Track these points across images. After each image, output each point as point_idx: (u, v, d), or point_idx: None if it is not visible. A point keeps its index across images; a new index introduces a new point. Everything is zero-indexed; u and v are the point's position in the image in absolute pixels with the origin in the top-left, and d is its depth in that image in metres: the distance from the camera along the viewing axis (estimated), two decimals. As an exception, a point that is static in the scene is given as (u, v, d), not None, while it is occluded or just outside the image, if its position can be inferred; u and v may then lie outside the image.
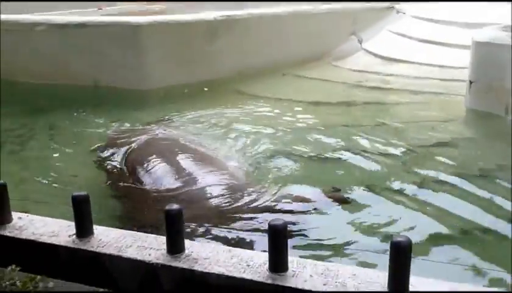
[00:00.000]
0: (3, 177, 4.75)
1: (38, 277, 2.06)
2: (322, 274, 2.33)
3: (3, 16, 8.76)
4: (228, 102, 7.69)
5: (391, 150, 5.55)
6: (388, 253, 2.18)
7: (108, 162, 5.25)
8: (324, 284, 2.26)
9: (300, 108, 7.36)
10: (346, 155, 5.43)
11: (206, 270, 2.38)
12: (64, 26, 8.52)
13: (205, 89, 8.22)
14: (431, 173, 4.87)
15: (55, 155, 5.71)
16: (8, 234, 2.71)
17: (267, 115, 7.10)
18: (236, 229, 3.72)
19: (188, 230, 3.39)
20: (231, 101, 7.83)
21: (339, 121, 6.62)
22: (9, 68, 8.52)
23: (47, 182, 4.94)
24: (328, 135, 6.06)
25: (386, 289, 2.22)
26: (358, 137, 5.97)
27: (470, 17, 10.35)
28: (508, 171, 4.95)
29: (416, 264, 2.57)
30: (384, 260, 2.20)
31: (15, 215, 2.86)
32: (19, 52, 8.63)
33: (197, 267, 2.40)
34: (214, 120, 6.80)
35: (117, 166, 5.08)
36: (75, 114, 7.12)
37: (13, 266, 2.13)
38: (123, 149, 5.38)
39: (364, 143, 5.80)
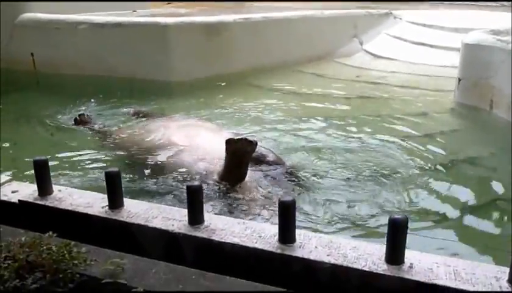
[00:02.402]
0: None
1: (72, 243, 2.00)
2: (326, 246, 2.27)
3: (53, 16, 8.73)
4: (243, 93, 7.66)
5: (386, 138, 5.41)
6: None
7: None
8: (328, 255, 2.20)
9: (306, 99, 7.27)
10: (341, 143, 5.28)
11: (223, 240, 2.33)
12: (103, 25, 8.47)
13: (222, 83, 8.10)
14: (423, 159, 4.75)
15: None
16: (48, 204, 2.67)
17: (277, 104, 7.02)
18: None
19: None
20: (246, 91, 7.80)
21: (337, 113, 6.49)
22: (56, 61, 8.53)
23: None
24: (327, 124, 5.93)
25: (383, 261, 2.15)
26: (355, 127, 5.84)
27: (459, 23, 10.26)
28: (492, 158, 4.85)
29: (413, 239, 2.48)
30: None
31: (55, 187, 2.82)
32: (65, 48, 8.59)
33: (215, 237, 2.35)
34: (232, 107, 6.77)
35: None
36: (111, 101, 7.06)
37: (50, 232, 2.07)
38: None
39: (362, 131, 5.68)
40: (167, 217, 2.53)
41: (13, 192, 2.87)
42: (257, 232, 2.38)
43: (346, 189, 3.98)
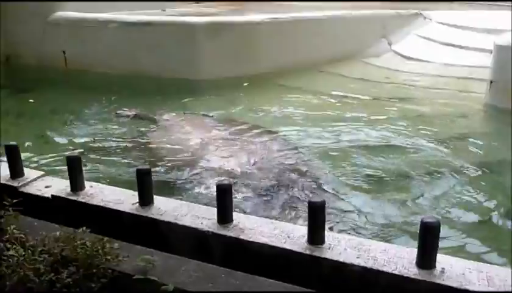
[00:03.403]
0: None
1: (106, 238, 2.03)
2: (355, 248, 2.25)
3: (84, 15, 8.87)
4: (270, 92, 7.68)
5: (418, 141, 5.34)
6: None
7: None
8: (357, 257, 2.18)
9: (334, 100, 7.21)
10: (375, 144, 5.25)
11: (252, 239, 2.33)
12: (133, 24, 8.57)
13: (246, 83, 8.07)
14: (457, 162, 4.66)
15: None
16: (81, 200, 2.71)
17: (306, 104, 6.99)
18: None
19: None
20: (273, 91, 7.81)
21: (368, 113, 6.43)
22: (87, 60, 8.67)
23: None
24: (357, 125, 5.90)
25: (413, 265, 2.12)
26: (386, 129, 5.79)
27: (489, 24, 10.03)
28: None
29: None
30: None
31: (87, 183, 2.86)
32: (95, 46, 8.72)
33: (243, 236, 2.35)
34: (261, 107, 6.78)
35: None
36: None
37: (84, 228, 2.11)
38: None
39: (392, 133, 5.62)
40: (196, 215, 2.54)
41: (46, 187, 2.93)
42: (286, 232, 2.38)
43: (380, 191, 3.95)
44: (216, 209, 2.47)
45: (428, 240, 2.06)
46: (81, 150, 4.96)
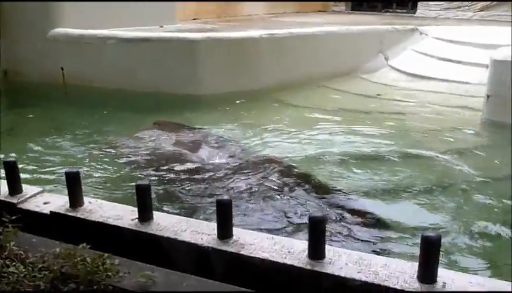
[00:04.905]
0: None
1: (106, 255, 2.02)
2: (356, 262, 2.24)
3: (83, 31, 8.91)
4: (267, 108, 7.73)
5: (416, 154, 5.36)
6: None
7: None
8: (358, 272, 2.17)
9: (331, 116, 7.25)
10: (370, 158, 5.27)
11: (252, 255, 2.32)
12: (131, 40, 8.62)
13: (244, 99, 8.11)
14: (455, 177, 4.68)
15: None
16: (80, 216, 2.70)
17: (299, 119, 7.03)
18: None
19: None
20: (271, 106, 7.85)
21: (366, 129, 6.46)
22: (85, 76, 8.70)
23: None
24: (356, 140, 5.92)
25: (415, 279, 2.11)
26: (383, 143, 5.81)
27: (486, 39, 10.11)
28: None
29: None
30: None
31: (86, 199, 2.85)
32: (94, 63, 8.76)
33: (244, 252, 2.34)
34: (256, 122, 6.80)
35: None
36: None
37: (84, 244, 2.10)
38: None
39: (391, 147, 5.64)
40: (196, 230, 2.53)
41: (44, 203, 2.92)
42: (286, 247, 2.37)
43: (376, 204, 3.96)
44: (215, 224, 2.46)
45: (429, 255, 2.06)
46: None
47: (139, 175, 4.67)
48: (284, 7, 15.91)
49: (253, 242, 2.43)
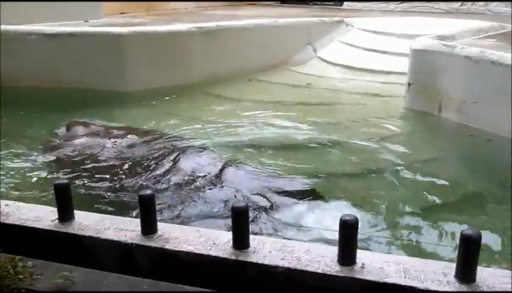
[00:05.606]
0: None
1: (17, 257, 1.94)
2: (280, 250, 2.28)
3: (3, 27, 8.43)
4: (199, 101, 7.68)
5: (341, 143, 5.52)
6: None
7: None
8: (282, 259, 2.21)
9: (263, 107, 7.30)
10: (301, 146, 5.38)
11: (177, 249, 2.30)
12: (54, 35, 8.27)
13: (175, 94, 8.02)
14: (379, 162, 4.86)
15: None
16: (-6, 220, 2.57)
17: (231, 112, 7.06)
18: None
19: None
20: (203, 100, 7.80)
21: (295, 118, 6.58)
22: (9, 73, 8.19)
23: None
24: (288, 129, 6.02)
25: (335, 262, 2.17)
26: (313, 131, 5.95)
27: (408, 29, 10.50)
28: (442, 160, 5.03)
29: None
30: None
31: (2, 202, 2.73)
32: (25, 60, 8.29)
33: (168, 246, 2.32)
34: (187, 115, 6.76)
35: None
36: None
37: (-6, 249, 2.00)
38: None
39: (321, 135, 5.78)
40: (119, 227, 2.48)
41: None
42: (211, 239, 2.37)
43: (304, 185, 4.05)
44: (139, 220, 2.42)
45: (347, 237, 2.12)
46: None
47: (59, 176, 4.49)
48: (214, -1, 15.82)
49: (179, 235, 2.41)
